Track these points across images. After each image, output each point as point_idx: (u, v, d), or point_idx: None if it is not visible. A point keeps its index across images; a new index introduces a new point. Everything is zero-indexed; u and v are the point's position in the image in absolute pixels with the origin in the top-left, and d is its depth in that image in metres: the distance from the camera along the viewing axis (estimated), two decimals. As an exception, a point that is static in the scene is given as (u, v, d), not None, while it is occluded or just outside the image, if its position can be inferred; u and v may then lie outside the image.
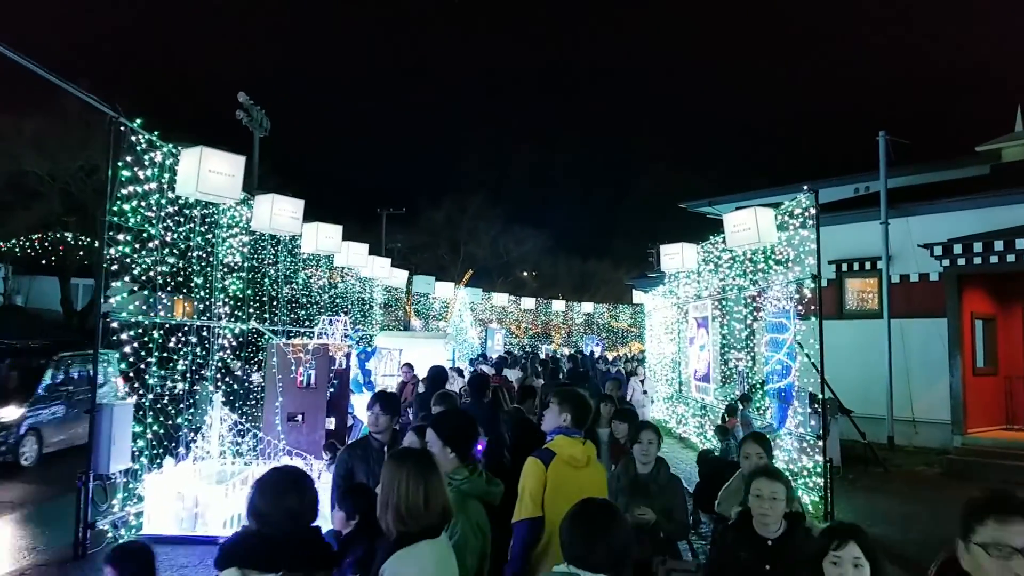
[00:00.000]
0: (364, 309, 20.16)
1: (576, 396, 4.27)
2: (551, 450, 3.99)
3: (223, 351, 10.37)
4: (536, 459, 3.93)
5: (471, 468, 3.34)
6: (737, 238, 10.99)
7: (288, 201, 11.27)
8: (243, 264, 11.08)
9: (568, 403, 4.18)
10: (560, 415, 4.16)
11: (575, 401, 4.20)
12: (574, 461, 3.93)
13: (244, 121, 30.31)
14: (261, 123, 31.31)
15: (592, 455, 4.13)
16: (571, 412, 4.14)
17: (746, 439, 5.16)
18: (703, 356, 14.82)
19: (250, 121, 30.54)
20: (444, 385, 10.75)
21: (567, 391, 4.39)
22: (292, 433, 10.43)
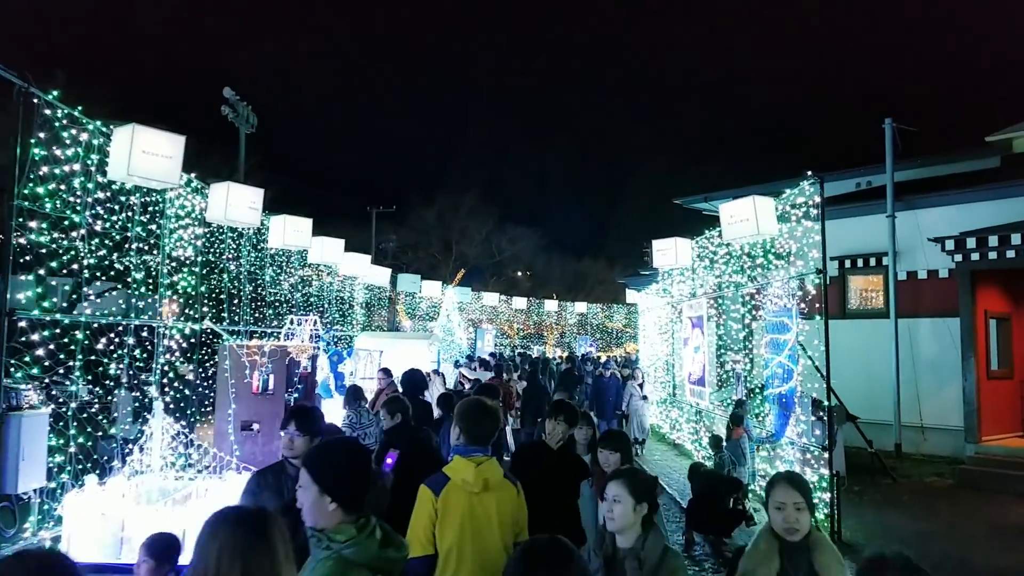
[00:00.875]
0: (344, 309, 19.23)
1: (472, 408, 3.79)
2: (445, 474, 3.54)
3: (170, 354, 9.43)
4: (426, 487, 3.50)
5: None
6: (734, 230, 10.09)
7: (246, 190, 10.35)
8: (196, 258, 10.14)
9: (460, 417, 3.72)
10: (454, 431, 3.74)
11: (469, 414, 3.73)
12: (467, 486, 3.46)
13: (230, 117, 29.45)
14: (247, 119, 30.42)
15: (493, 476, 3.57)
16: (463, 427, 3.68)
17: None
18: (698, 358, 13.91)
19: (236, 117, 29.64)
20: (422, 391, 9.85)
21: (464, 403, 3.92)
22: (246, 444, 9.55)
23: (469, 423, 3.69)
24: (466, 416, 3.72)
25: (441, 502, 3.41)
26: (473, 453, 3.60)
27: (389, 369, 11.51)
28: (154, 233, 9.10)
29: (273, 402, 9.62)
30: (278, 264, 14.13)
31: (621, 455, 4.78)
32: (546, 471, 4.74)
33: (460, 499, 3.44)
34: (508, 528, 3.55)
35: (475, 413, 3.74)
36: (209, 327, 10.28)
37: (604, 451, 4.87)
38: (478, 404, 3.84)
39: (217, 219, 10.20)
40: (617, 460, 4.75)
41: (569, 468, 5.04)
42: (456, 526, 3.39)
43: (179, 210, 9.68)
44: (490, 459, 3.63)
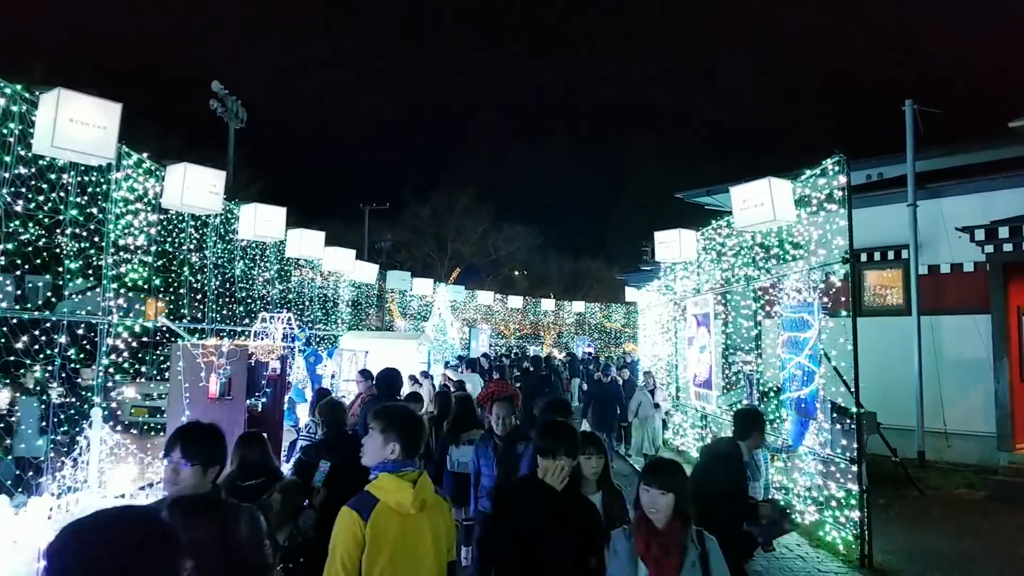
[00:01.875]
0: (327, 307, 18.20)
1: (407, 416, 3.34)
2: (372, 494, 3.11)
3: (116, 354, 8.40)
4: (351, 511, 3.06)
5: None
6: (747, 216, 9.09)
7: (206, 172, 9.33)
8: (149, 248, 9.11)
9: (395, 428, 3.22)
10: (386, 445, 3.20)
11: (407, 423, 3.28)
12: (403, 508, 3.08)
13: (218, 112, 28.59)
14: (237, 114, 29.57)
15: (429, 495, 3.19)
16: (403, 439, 3.21)
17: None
18: (703, 358, 12.89)
19: (225, 112, 28.80)
20: (397, 391, 8.84)
21: (389, 410, 3.37)
22: (202, 454, 8.50)
23: (408, 433, 3.22)
24: (404, 425, 3.24)
25: (370, 528, 3.00)
26: (405, 468, 3.17)
27: (369, 371, 10.47)
28: (95, 217, 8.07)
29: (232, 408, 8.61)
30: (251, 257, 13.09)
31: (675, 496, 3.37)
32: (549, 523, 3.51)
33: (392, 523, 3.05)
34: (443, 551, 3.22)
35: (411, 421, 3.31)
36: (164, 324, 9.26)
37: (651, 489, 3.38)
38: (413, 412, 3.44)
39: (173, 204, 9.19)
40: (670, 504, 3.35)
41: (582, 518, 3.64)
42: (388, 554, 3.01)
43: (128, 193, 8.65)
44: (422, 473, 3.21)
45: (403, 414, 3.33)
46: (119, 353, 8.41)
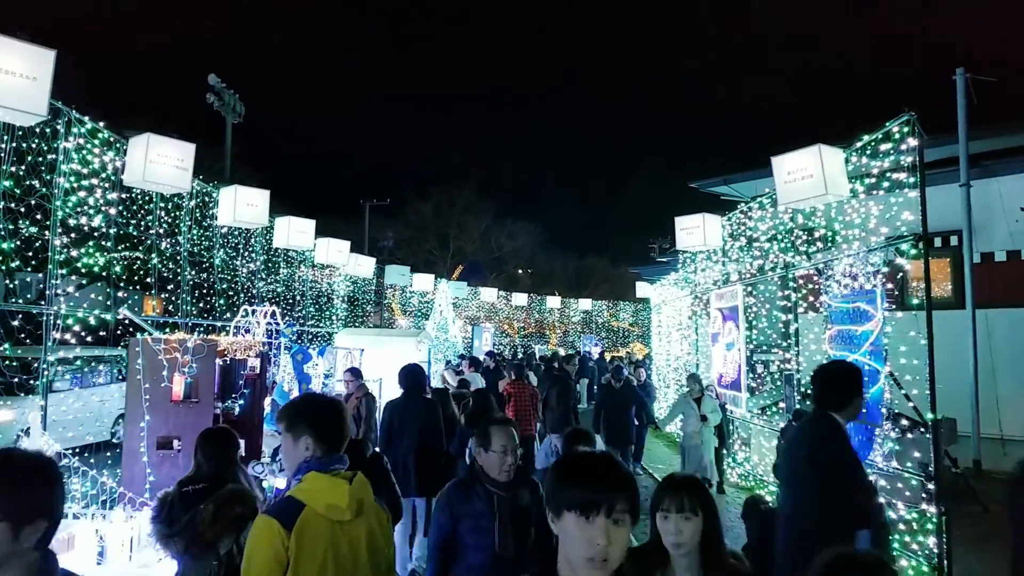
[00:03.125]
0: (321, 302, 17.02)
1: (319, 404, 2.85)
2: (296, 499, 2.54)
3: (65, 350, 7.23)
4: (269, 519, 2.49)
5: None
6: (793, 191, 7.88)
7: (172, 145, 8.16)
8: (108, 231, 7.93)
9: (303, 421, 2.70)
10: (297, 443, 2.69)
11: (319, 412, 2.76)
12: (335, 512, 2.54)
13: (215, 106, 27.63)
14: (234, 108, 28.64)
15: (367, 495, 2.68)
16: (315, 431, 2.68)
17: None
18: (731, 357, 11.70)
19: (222, 106, 27.87)
20: (423, 388, 8.00)
21: (293, 403, 2.92)
22: (163, 466, 7.40)
23: (322, 425, 2.72)
24: (316, 415, 2.74)
25: (295, 538, 2.46)
26: (335, 467, 2.67)
27: (358, 369, 9.31)
28: (39, 192, 6.90)
29: (198, 412, 7.46)
30: (232, 246, 11.91)
31: (706, 517, 2.65)
32: None
33: (321, 531, 2.53)
34: (382, 567, 2.71)
35: (326, 409, 2.81)
36: (126, 316, 8.08)
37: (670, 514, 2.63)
38: (322, 398, 2.99)
39: (135, 181, 8.03)
40: (695, 530, 2.63)
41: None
42: (317, 568, 2.49)
43: (80, 166, 7.48)
44: (357, 473, 2.71)
45: (310, 403, 2.89)
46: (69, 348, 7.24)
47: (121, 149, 8.12)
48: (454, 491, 3.67)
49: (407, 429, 7.32)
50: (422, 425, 7.31)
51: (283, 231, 12.76)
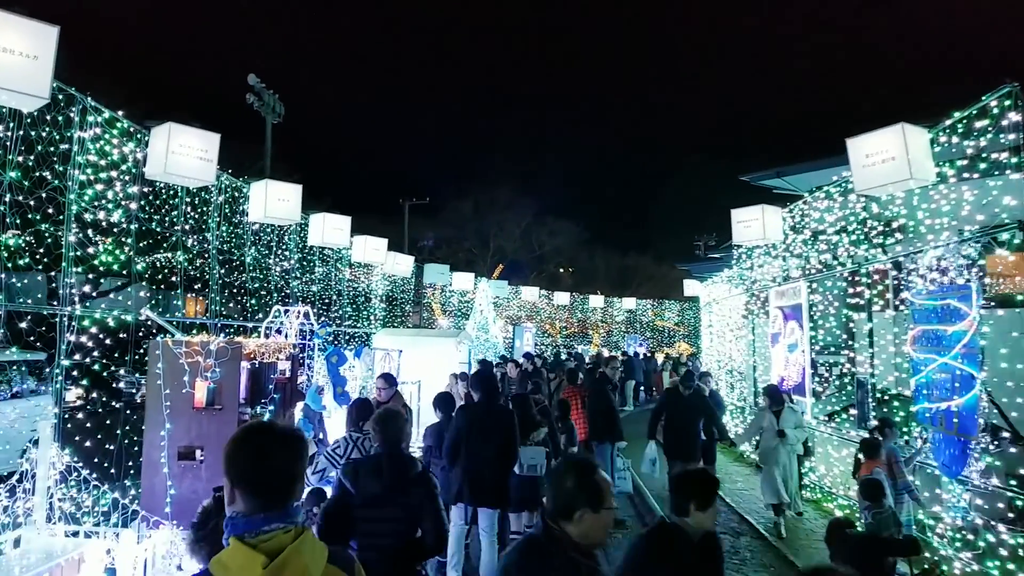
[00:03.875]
0: (358, 301, 16.53)
1: (246, 439, 2.02)
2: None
3: (81, 353, 6.74)
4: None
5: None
6: (872, 175, 7.08)
7: (195, 136, 7.66)
8: (128, 227, 7.44)
9: (228, 464, 1.98)
10: (229, 492, 1.96)
11: (239, 453, 1.98)
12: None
13: (255, 106, 27.37)
14: (274, 108, 28.37)
15: (311, 564, 1.87)
16: (236, 479, 1.95)
17: None
18: (794, 359, 10.88)
19: (262, 106, 27.60)
20: (496, 396, 7.02)
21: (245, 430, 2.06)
22: (185, 478, 6.90)
23: (247, 466, 1.94)
24: (242, 453, 1.97)
25: None
26: (263, 528, 1.85)
27: (392, 376, 8.64)
28: (52, 185, 6.41)
29: (222, 420, 6.94)
30: (265, 244, 11.43)
31: None
32: None
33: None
34: None
35: (253, 442, 1.99)
36: (148, 317, 7.59)
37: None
38: (260, 429, 2.08)
39: (157, 173, 7.53)
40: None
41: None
42: None
43: (97, 157, 6.99)
44: (299, 532, 1.88)
45: (241, 435, 2.05)
46: (86, 352, 6.76)
47: (143, 140, 7.64)
48: (526, 559, 2.66)
49: (488, 437, 6.43)
50: (503, 434, 6.48)
51: (318, 228, 12.26)
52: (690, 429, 8.83)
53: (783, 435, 8.61)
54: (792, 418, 8.77)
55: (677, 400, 9.10)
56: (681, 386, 9.15)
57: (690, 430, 8.83)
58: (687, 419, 8.90)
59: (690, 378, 9.38)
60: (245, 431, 2.11)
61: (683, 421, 8.90)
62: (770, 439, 8.74)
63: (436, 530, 3.76)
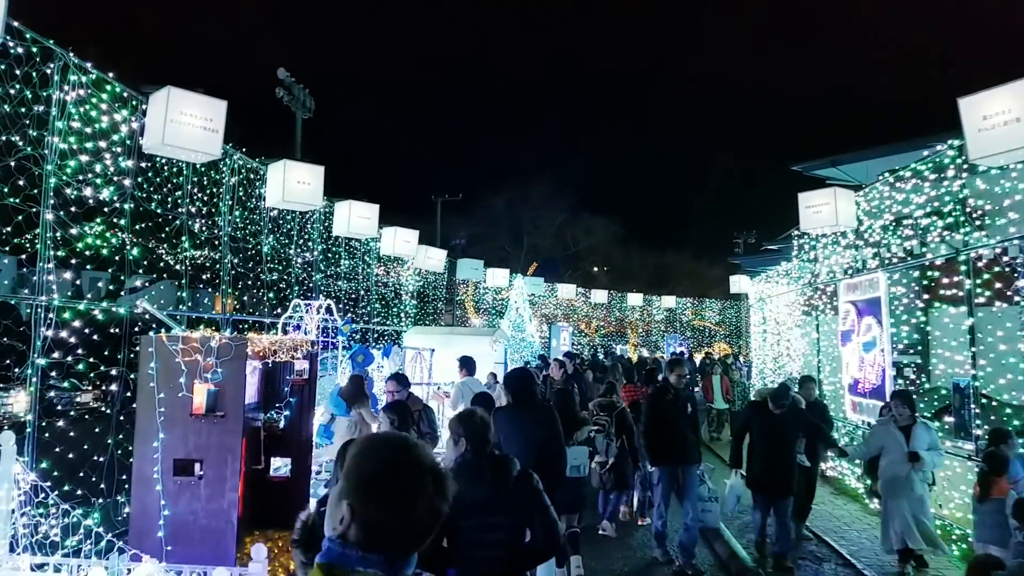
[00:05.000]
0: (388, 298, 15.60)
1: (396, 474, 1.66)
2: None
3: (62, 351, 5.84)
4: None
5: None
6: (990, 140, 5.93)
7: (198, 102, 6.74)
8: (121, 206, 6.53)
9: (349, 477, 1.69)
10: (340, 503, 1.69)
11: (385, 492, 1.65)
12: None
13: (285, 100, 26.73)
14: (304, 103, 27.71)
15: None
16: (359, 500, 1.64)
17: None
18: (870, 359, 9.70)
19: (291, 100, 26.97)
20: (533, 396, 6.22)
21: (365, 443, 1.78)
22: (182, 497, 5.96)
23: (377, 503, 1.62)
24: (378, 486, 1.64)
25: None
26: (357, 567, 1.61)
27: (404, 376, 7.59)
28: (25, 153, 5.50)
29: (225, 429, 5.98)
30: (284, 233, 10.51)
31: None
32: None
33: None
34: None
35: (401, 479, 1.64)
36: (145, 310, 6.67)
37: None
38: (410, 462, 1.65)
39: (155, 146, 6.62)
40: None
41: None
42: None
43: (81, 123, 6.07)
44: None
45: (385, 469, 1.64)
46: (69, 350, 5.85)
47: (139, 108, 6.74)
48: None
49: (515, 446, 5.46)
50: (539, 440, 5.49)
51: (343, 217, 11.33)
52: (786, 455, 7.01)
53: (916, 459, 6.53)
54: (926, 436, 6.70)
55: (766, 418, 7.14)
56: (772, 404, 7.11)
57: (786, 456, 7.00)
58: (781, 442, 7.05)
59: (783, 393, 7.27)
60: (391, 458, 1.69)
61: (776, 445, 7.04)
62: (898, 464, 6.65)
63: (547, 531, 3.52)
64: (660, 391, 7.48)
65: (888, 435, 6.80)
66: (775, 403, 7.07)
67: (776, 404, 7.06)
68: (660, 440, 7.22)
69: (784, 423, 7.04)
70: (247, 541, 6.62)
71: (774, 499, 7.06)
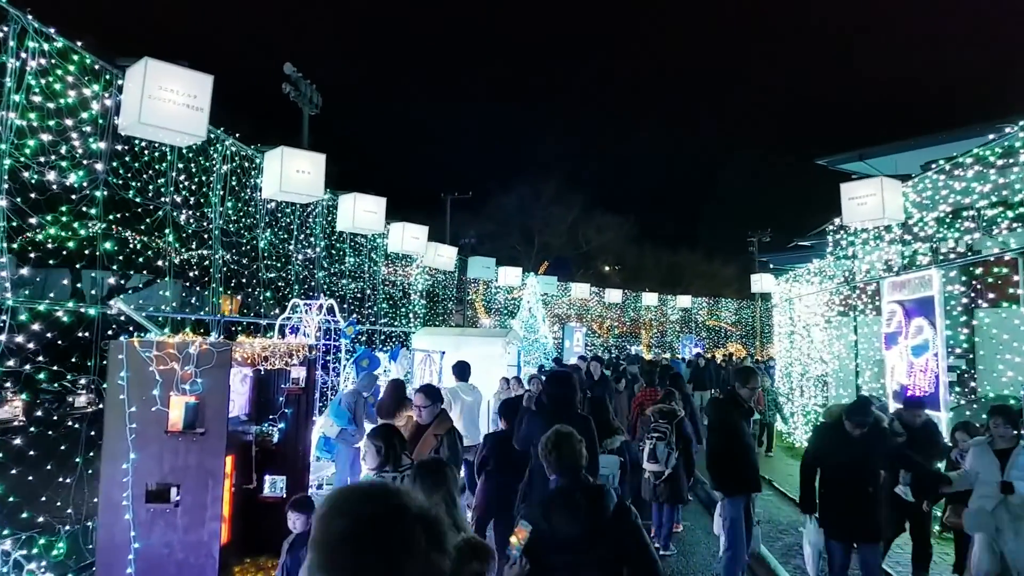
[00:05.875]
0: (396, 297, 14.83)
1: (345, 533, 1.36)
2: None
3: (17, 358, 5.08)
4: None
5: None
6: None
7: (180, 76, 5.97)
8: (91, 192, 5.76)
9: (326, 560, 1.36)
10: None
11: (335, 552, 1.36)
12: None
13: (292, 96, 25.95)
14: (311, 99, 26.95)
15: None
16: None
17: None
18: (921, 363, 8.87)
19: (298, 96, 26.18)
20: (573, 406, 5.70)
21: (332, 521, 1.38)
22: (155, 525, 5.20)
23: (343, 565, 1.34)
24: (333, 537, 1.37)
25: None
26: None
27: (435, 389, 6.47)
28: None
29: (205, 448, 5.24)
30: (283, 227, 9.74)
31: None
32: None
33: None
34: None
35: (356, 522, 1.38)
36: (120, 309, 5.91)
37: None
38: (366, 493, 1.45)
39: (131, 126, 5.86)
40: None
41: None
42: None
43: (43, 98, 5.32)
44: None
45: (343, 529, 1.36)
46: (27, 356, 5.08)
47: (115, 83, 5.98)
48: None
49: None
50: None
51: (348, 211, 10.57)
52: (867, 489, 5.49)
53: (1010, 490, 5.25)
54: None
55: (842, 443, 5.54)
56: (848, 422, 5.52)
57: (866, 491, 5.48)
58: (864, 472, 5.50)
59: (864, 408, 5.61)
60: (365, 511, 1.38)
61: (857, 477, 5.47)
62: (988, 495, 5.39)
63: (647, 572, 3.12)
64: (732, 404, 6.17)
65: (982, 457, 5.50)
66: (854, 422, 5.50)
67: (855, 423, 5.49)
68: (739, 465, 6.02)
69: (867, 448, 5.48)
70: (235, 571, 5.87)
71: (859, 547, 5.63)
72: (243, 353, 5.80)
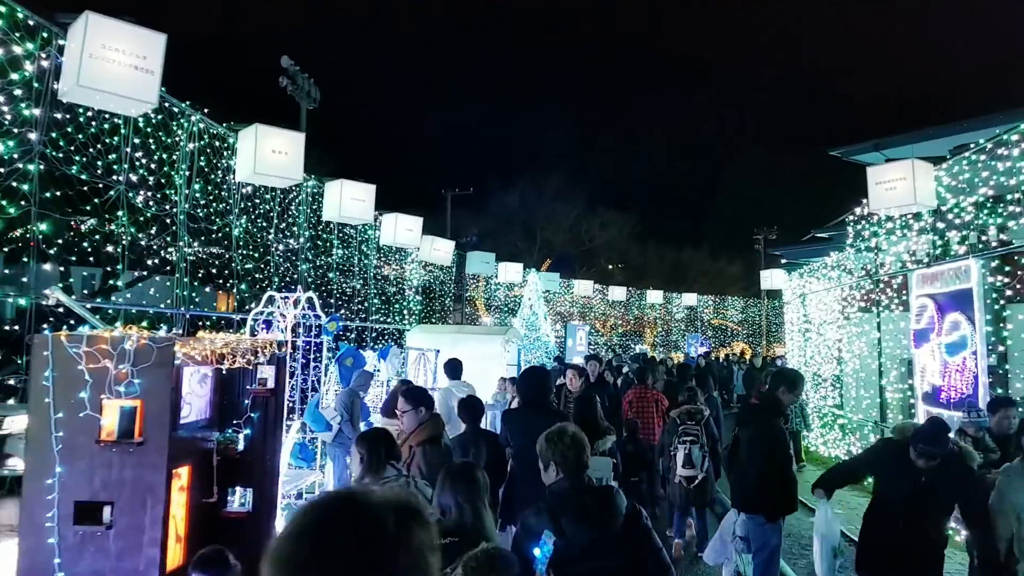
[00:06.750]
0: (388, 293, 14.09)
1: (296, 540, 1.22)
2: None
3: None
4: None
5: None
6: None
7: (126, 35, 5.23)
8: (25, 166, 5.02)
9: None
10: None
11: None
12: None
13: (289, 90, 25.29)
14: (309, 92, 26.28)
15: None
16: None
17: None
18: (957, 363, 8.11)
19: (295, 90, 25.53)
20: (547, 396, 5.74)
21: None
22: (85, 550, 4.45)
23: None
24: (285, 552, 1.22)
25: None
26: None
27: (421, 391, 5.62)
28: None
29: (143, 461, 4.48)
30: (263, 215, 8.99)
31: None
32: None
33: None
34: None
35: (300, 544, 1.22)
36: (57, 300, 5.17)
37: None
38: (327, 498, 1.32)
39: (70, 91, 5.11)
40: None
41: None
42: None
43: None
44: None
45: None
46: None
47: (55, 43, 5.25)
48: None
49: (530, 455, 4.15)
50: None
51: (334, 199, 9.84)
52: (936, 544, 4.45)
53: None
54: None
55: (904, 472, 4.40)
56: (914, 450, 4.32)
57: (935, 545, 4.44)
58: (923, 511, 4.38)
59: (937, 439, 4.31)
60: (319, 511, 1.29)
61: (916, 514, 4.37)
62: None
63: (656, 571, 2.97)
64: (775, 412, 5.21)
65: (1017, 485, 4.40)
66: (919, 451, 4.28)
67: (921, 453, 4.27)
68: (789, 484, 5.16)
69: (934, 484, 4.30)
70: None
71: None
72: (199, 350, 5.06)
